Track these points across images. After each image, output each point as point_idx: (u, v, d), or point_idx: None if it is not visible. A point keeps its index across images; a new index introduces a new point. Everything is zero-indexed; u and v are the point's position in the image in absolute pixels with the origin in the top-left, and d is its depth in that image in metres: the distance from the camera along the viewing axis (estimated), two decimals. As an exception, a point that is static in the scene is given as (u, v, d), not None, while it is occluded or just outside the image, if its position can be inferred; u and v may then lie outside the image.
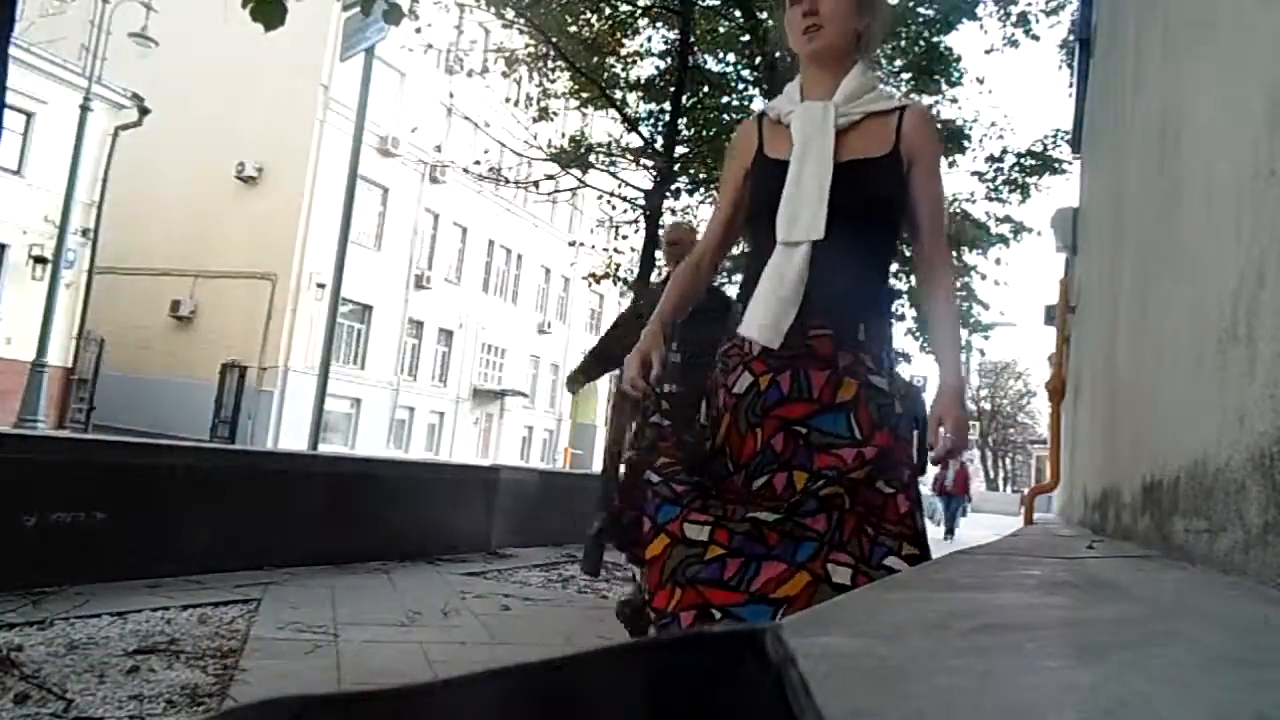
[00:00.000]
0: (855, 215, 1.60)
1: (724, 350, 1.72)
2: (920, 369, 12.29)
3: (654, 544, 1.54)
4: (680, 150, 7.55)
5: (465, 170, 9.84)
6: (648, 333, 1.76)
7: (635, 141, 8.09)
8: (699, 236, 2.81)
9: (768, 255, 1.63)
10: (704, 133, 9.07)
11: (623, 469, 1.85)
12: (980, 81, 12.74)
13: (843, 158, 1.62)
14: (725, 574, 1.45)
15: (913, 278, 7.11)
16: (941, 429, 1.57)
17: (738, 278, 2.31)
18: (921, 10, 9.21)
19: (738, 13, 9.37)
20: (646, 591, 1.56)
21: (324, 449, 10.75)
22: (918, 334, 9.80)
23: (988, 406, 45.94)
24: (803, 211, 1.60)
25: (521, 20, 7.60)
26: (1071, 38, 9.15)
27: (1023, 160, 9.94)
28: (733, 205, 1.79)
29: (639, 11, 8.82)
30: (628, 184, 7.55)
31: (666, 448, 1.64)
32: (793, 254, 1.59)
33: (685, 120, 8.45)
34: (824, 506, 1.47)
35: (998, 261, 11.12)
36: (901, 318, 9.60)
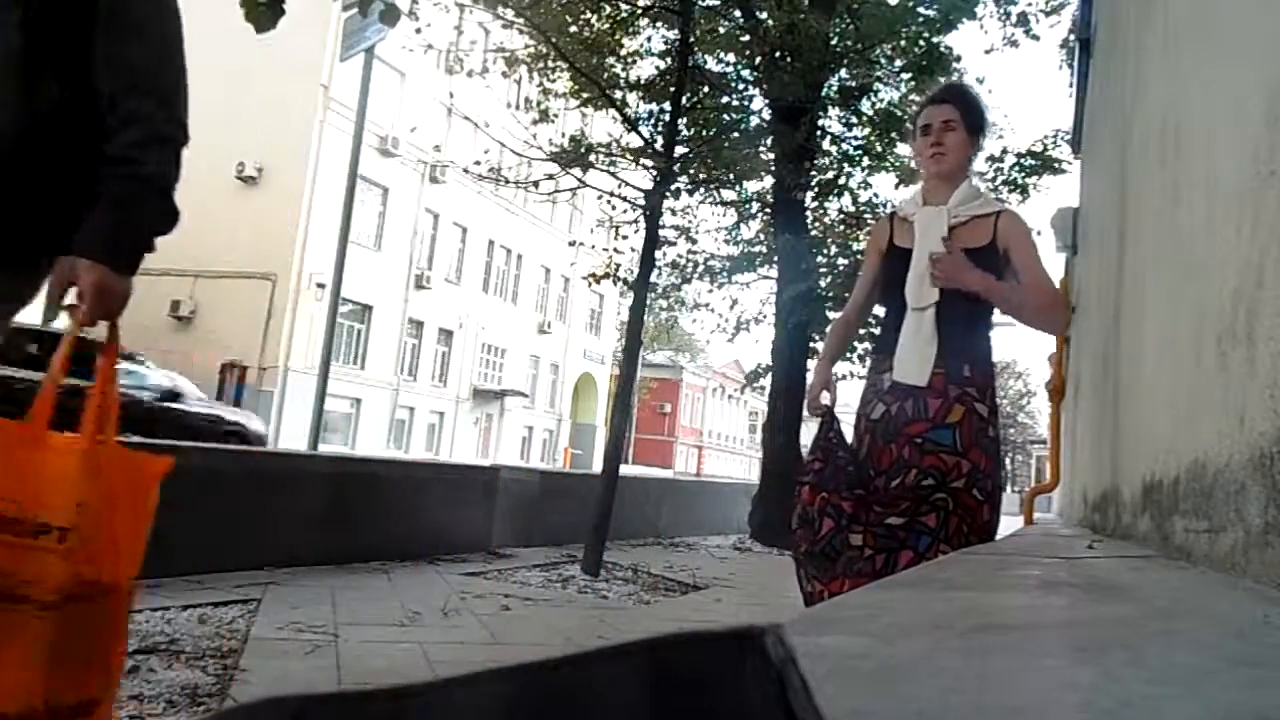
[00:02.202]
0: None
1: (864, 391, 2.29)
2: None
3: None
4: (680, 150, 7.52)
5: (465, 170, 9.80)
6: (820, 367, 2.51)
7: (635, 141, 8.06)
8: None
9: (897, 317, 2.21)
10: (704, 133, 9.05)
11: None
12: (980, 81, 12.71)
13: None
14: (876, 566, 2.01)
15: None
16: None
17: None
18: (921, 10, 9.19)
19: (738, 13, 9.36)
20: (809, 581, 2.18)
21: (324, 449, 10.74)
22: None
23: (988, 406, 45.94)
24: (924, 286, 2.16)
25: (521, 20, 7.57)
26: (1071, 38, 9.16)
27: (1023, 160, 9.92)
28: (872, 279, 2.40)
29: (639, 11, 8.80)
30: (628, 184, 7.51)
31: (833, 465, 2.18)
32: (921, 316, 2.16)
33: (685, 120, 8.42)
34: (934, 508, 2.04)
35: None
36: None
